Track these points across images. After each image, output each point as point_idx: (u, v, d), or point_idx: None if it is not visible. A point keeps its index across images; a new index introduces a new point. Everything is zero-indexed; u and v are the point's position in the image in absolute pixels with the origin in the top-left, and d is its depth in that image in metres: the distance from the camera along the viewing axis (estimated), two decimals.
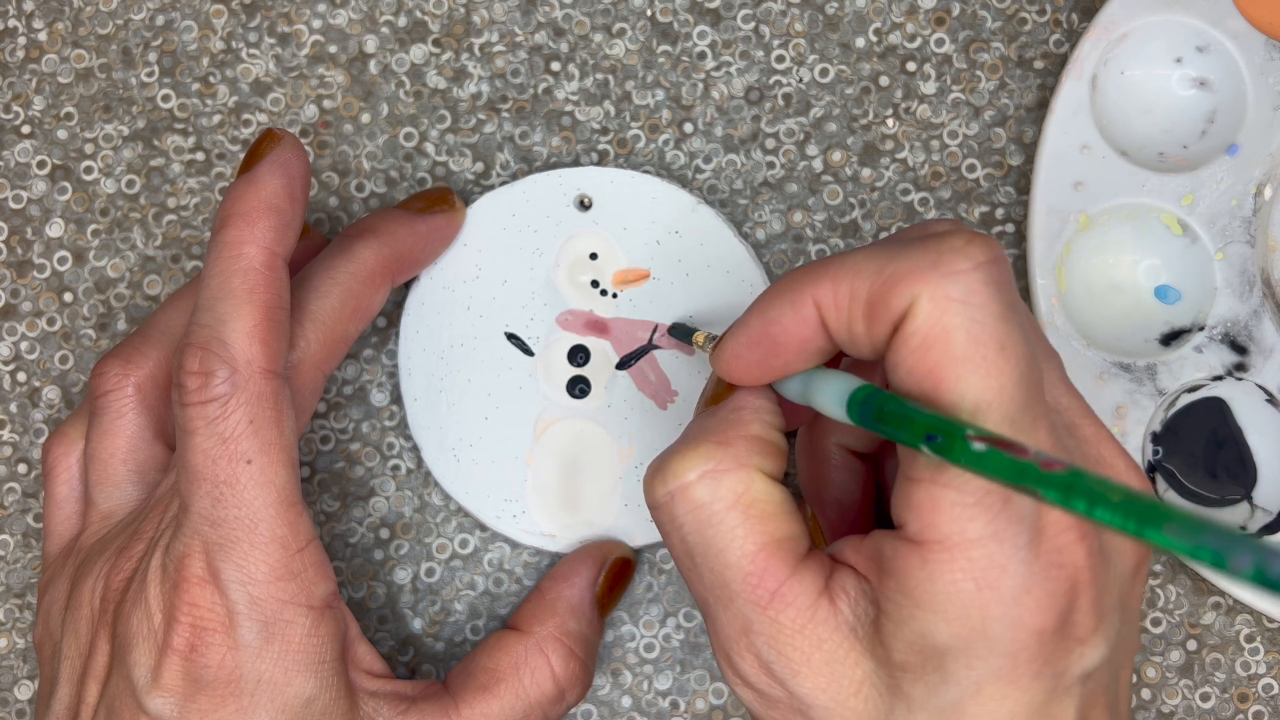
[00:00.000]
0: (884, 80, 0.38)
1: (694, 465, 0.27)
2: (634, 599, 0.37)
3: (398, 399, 0.38)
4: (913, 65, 0.38)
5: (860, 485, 0.32)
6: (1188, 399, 0.36)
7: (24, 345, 0.38)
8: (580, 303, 0.37)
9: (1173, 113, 0.37)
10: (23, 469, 0.38)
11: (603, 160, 0.38)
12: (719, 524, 0.27)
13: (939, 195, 0.38)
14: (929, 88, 0.38)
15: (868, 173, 0.38)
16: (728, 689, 0.36)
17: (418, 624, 0.38)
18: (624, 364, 0.37)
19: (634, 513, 0.36)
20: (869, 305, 0.25)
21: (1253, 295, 0.36)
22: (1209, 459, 0.36)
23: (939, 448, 0.23)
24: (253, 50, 0.39)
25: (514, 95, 0.38)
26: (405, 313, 0.37)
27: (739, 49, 0.38)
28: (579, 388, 0.37)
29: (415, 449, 0.38)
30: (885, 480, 0.32)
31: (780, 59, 0.38)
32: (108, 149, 0.38)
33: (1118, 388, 0.36)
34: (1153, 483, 0.36)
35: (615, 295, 0.37)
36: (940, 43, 0.38)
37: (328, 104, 0.38)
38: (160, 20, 0.39)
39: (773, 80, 0.38)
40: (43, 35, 0.39)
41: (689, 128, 0.38)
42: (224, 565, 0.29)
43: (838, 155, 0.38)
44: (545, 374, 0.37)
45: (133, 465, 0.33)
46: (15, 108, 0.39)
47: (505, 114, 0.38)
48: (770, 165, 0.38)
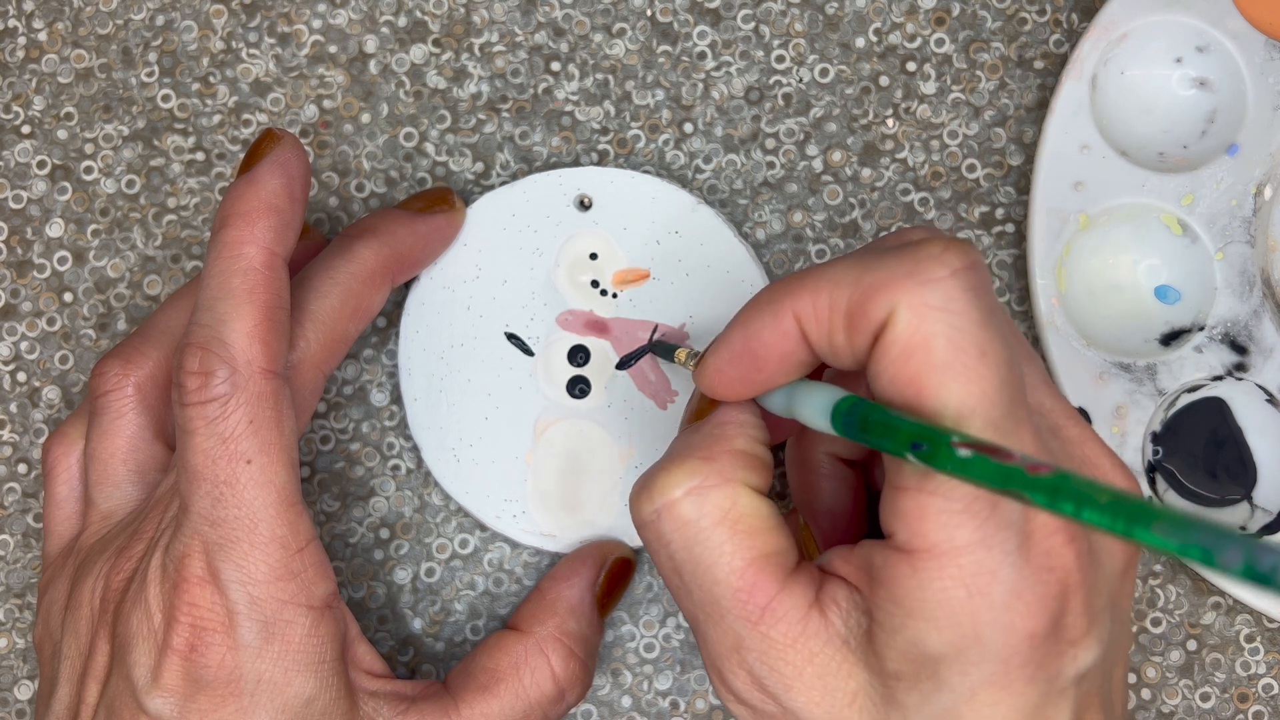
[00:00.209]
0: (884, 80, 0.38)
1: (679, 482, 0.27)
2: (634, 599, 0.37)
3: (398, 399, 0.38)
4: (913, 65, 0.38)
5: (851, 493, 0.32)
6: (1188, 399, 0.36)
7: (24, 345, 0.38)
8: (580, 303, 0.37)
9: (1173, 113, 0.37)
10: (23, 469, 0.38)
11: (603, 160, 0.38)
12: (706, 540, 0.27)
13: (939, 195, 0.38)
14: (929, 88, 0.38)
15: (868, 173, 0.38)
16: (719, 700, 0.36)
17: (418, 624, 0.38)
18: (624, 364, 0.37)
19: None
20: (848, 316, 0.25)
21: (1253, 295, 0.36)
22: (1209, 459, 0.36)
23: (924, 455, 0.23)
24: (253, 50, 0.39)
25: (514, 95, 0.38)
26: (405, 313, 0.37)
27: (739, 49, 0.38)
28: (579, 388, 0.37)
29: (415, 449, 0.38)
30: (877, 487, 0.32)
31: (780, 59, 0.38)
32: (108, 149, 0.38)
33: (1118, 388, 0.36)
34: (1152, 483, 0.36)
35: (615, 295, 0.37)
36: (940, 43, 0.38)
37: (328, 104, 0.38)
38: (160, 20, 0.39)
39: (773, 80, 0.38)
40: (43, 35, 0.39)
41: (689, 128, 0.38)
42: (224, 565, 0.29)
43: (838, 155, 0.38)
44: (545, 374, 0.37)
45: (133, 465, 0.33)
46: (15, 108, 0.39)
47: (505, 114, 0.38)
48: (770, 165, 0.38)
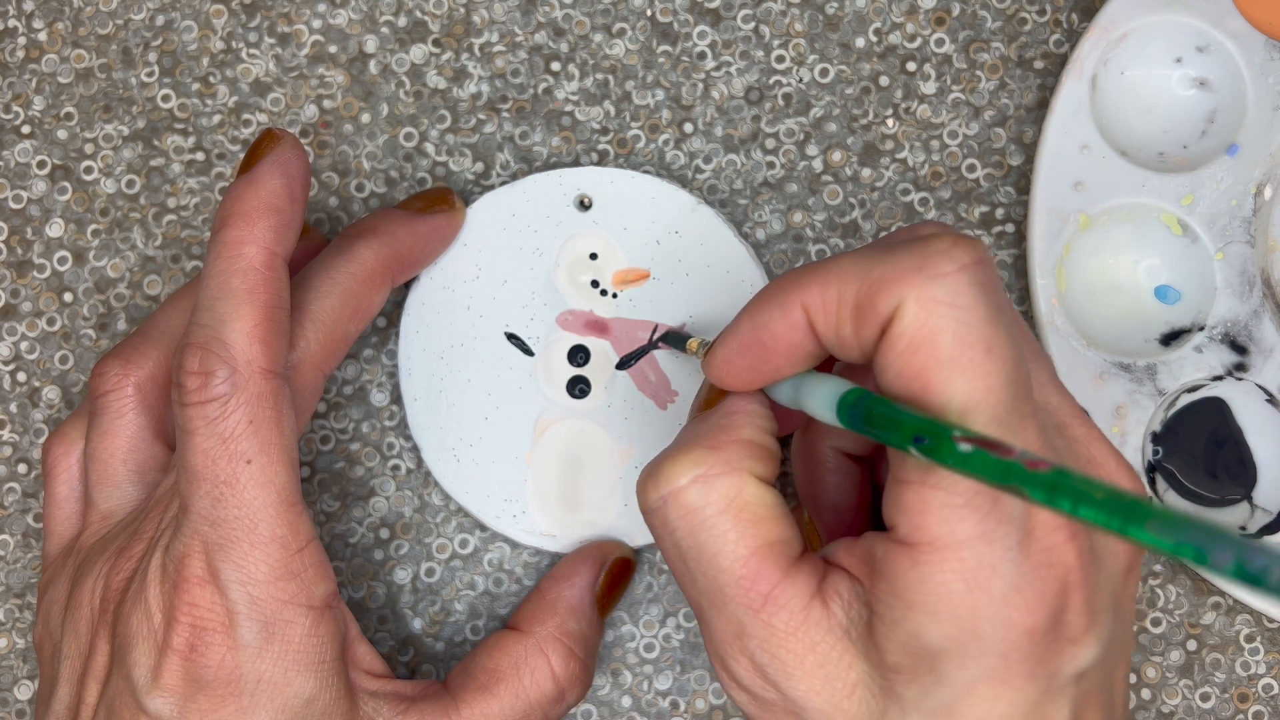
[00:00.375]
0: (884, 80, 0.38)
1: (686, 470, 0.27)
2: (634, 599, 0.37)
3: (398, 399, 0.38)
4: (913, 65, 0.38)
5: (855, 487, 0.32)
6: (1188, 399, 0.36)
7: (24, 345, 0.38)
8: (580, 303, 0.37)
9: (1173, 113, 0.37)
10: (23, 469, 0.38)
11: (603, 160, 0.38)
12: (711, 528, 0.27)
13: (939, 195, 0.38)
14: (929, 88, 0.38)
15: (868, 173, 0.38)
16: (721, 686, 0.36)
17: (418, 624, 0.38)
18: (624, 364, 0.37)
19: (634, 513, 0.36)
20: (856, 309, 0.25)
21: (1253, 295, 0.36)
22: (1209, 459, 0.36)
23: (926, 449, 0.23)
24: (253, 50, 0.39)
25: (514, 95, 0.38)
26: (405, 313, 0.37)
27: (739, 49, 0.38)
28: (579, 388, 0.37)
29: (415, 449, 0.38)
30: (880, 482, 0.32)
31: (780, 59, 0.38)
32: (108, 149, 0.38)
33: (1118, 388, 0.36)
34: (1152, 483, 0.36)
35: (615, 295, 0.37)
36: (940, 43, 0.38)
37: (328, 104, 0.38)
38: (160, 20, 0.39)
39: (773, 80, 0.38)
40: (43, 35, 0.39)
41: (689, 128, 0.38)
42: (224, 565, 0.29)
43: (838, 155, 0.38)
44: (545, 374, 0.37)
45: (133, 465, 0.33)
46: (15, 108, 0.39)
47: (505, 114, 0.38)
48: (770, 165, 0.38)
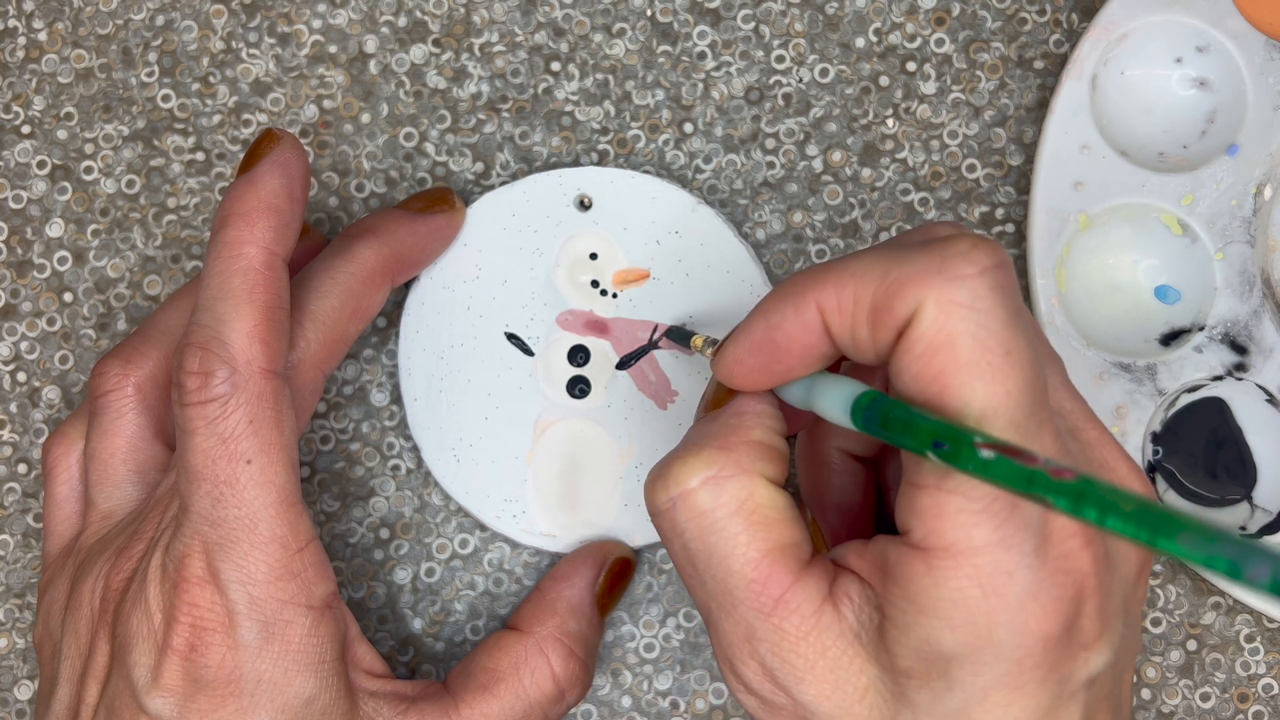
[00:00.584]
0: (884, 80, 0.38)
1: (696, 471, 0.27)
2: (634, 599, 0.37)
3: (398, 399, 0.38)
4: (913, 65, 0.38)
5: (861, 489, 0.32)
6: (1188, 399, 0.36)
7: (24, 345, 0.38)
8: (580, 303, 0.37)
9: (1173, 113, 0.37)
10: (23, 469, 0.38)
11: (603, 160, 0.38)
12: (721, 531, 0.27)
13: (939, 195, 0.38)
14: (929, 88, 0.38)
15: (868, 173, 0.38)
16: (728, 690, 0.36)
17: (418, 624, 0.38)
18: (624, 364, 0.37)
19: (634, 513, 0.36)
20: (873, 310, 0.25)
21: (1253, 295, 0.36)
22: (1209, 459, 0.36)
23: (946, 455, 0.23)
24: (253, 50, 0.39)
25: (514, 95, 0.38)
26: (405, 313, 0.37)
27: (739, 49, 0.38)
28: (579, 388, 0.37)
29: (415, 449, 0.38)
30: (886, 483, 0.32)
31: (780, 59, 0.38)
32: (108, 149, 0.38)
33: (1118, 388, 0.36)
34: (1152, 483, 0.36)
35: (615, 295, 0.37)
36: (940, 43, 0.38)
37: (328, 104, 0.38)
38: (160, 20, 0.39)
39: (773, 80, 0.38)
40: (43, 35, 0.39)
41: (689, 128, 0.38)
42: (224, 565, 0.29)
43: (838, 155, 0.38)
44: (545, 374, 0.37)
45: (133, 465, 0.33)
46: (15, 108, 0.39)
47: (505, 114, 0.38)
48: (770, 165, 0.38)
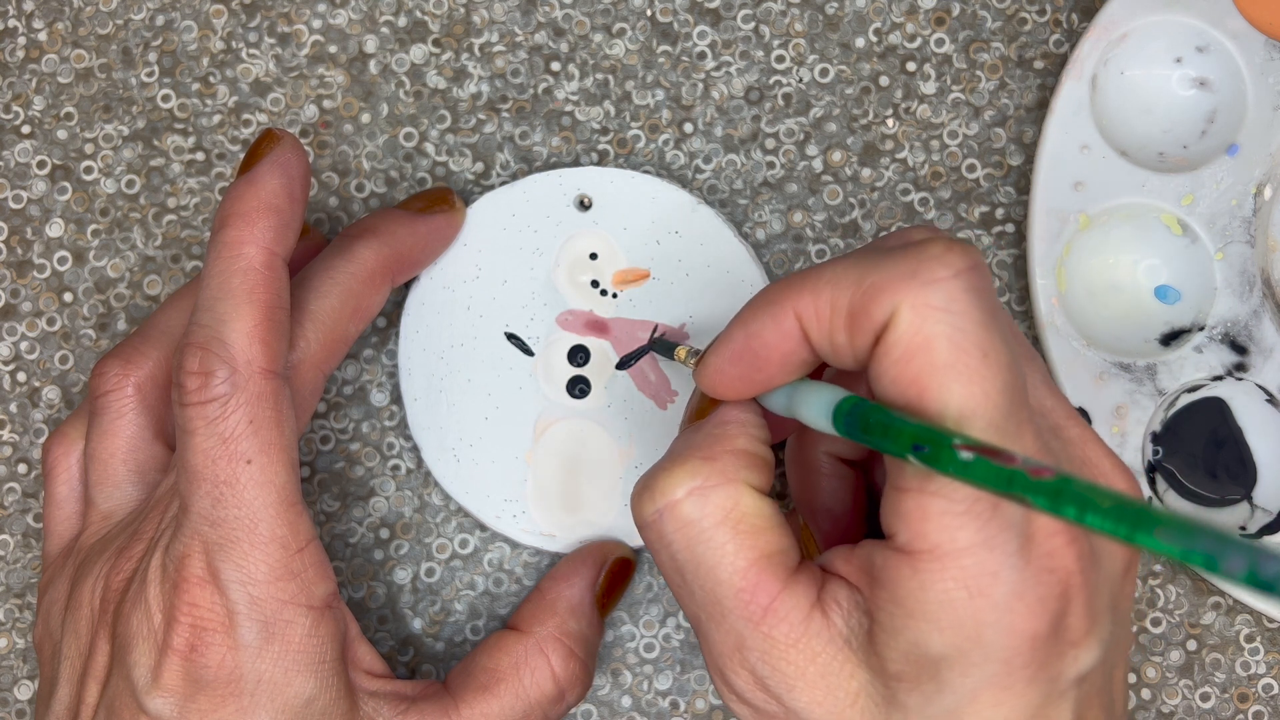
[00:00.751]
0: (884, 80, 0.38)
1: (681, 482, 0.27)
2: (634, 599, 0.37)
3: (398, 399, 0.38)
4: (913, 65, 0.38)
5: (851, 492, 0.32)
6: (1188, 399, 0.36)
7: (24, 345, 0.38)
8: (580, 303, 0.37)
9: (1173, 113, 0.37)
10: (23, 469, 0.38)
11: (603, 160, 0.38)
12: (708, 540, 0.27)
13: (939, 195, 0.38)
14: (929, 88, 0.38)
15: (868, 173, 0.38)
16: (721, 699, 0.36)
17: (418, 624, 0.38)
18: (624, 364, 0.37)
19: None
20: (850, 316, 0.25)
21: (1253, 295, 0.36)
22: (1209, 459, 0.36)
23: (926, 457, 0.23)
24: (253, 50, 0.39)
25: (514, 95, 0.38)
26: (405, 313, 0.37)
27: (739, 49, 0.38)
28: (579, 388, 0.37)
29: (415, 449, 0.38)
30: (876, 486, 0.32)
31: (780, 59, 0.38)
32: (108, 149, 0.38)
33: (1118, 388, 0.36)
34: (1152, 483, 0.36)
35: (615, 295, 0.37)
36: (940, 43, 0.38)
37: (328, 104, 0.38)
38: (160, 20, 0.39)
39: (773, 80, 0.38)
40: (43, 35, 0.39)
41: (689, 128, 0.38)
42: (224, 565, 0.29)
43: (838, 155, 0.38)
44: (545, 374, 0.37)
45: (133, 465, 0.33)
46: (15, 108, 0.39)
47: (505, 114, 0.38)
48: (770, 165, 0.38)
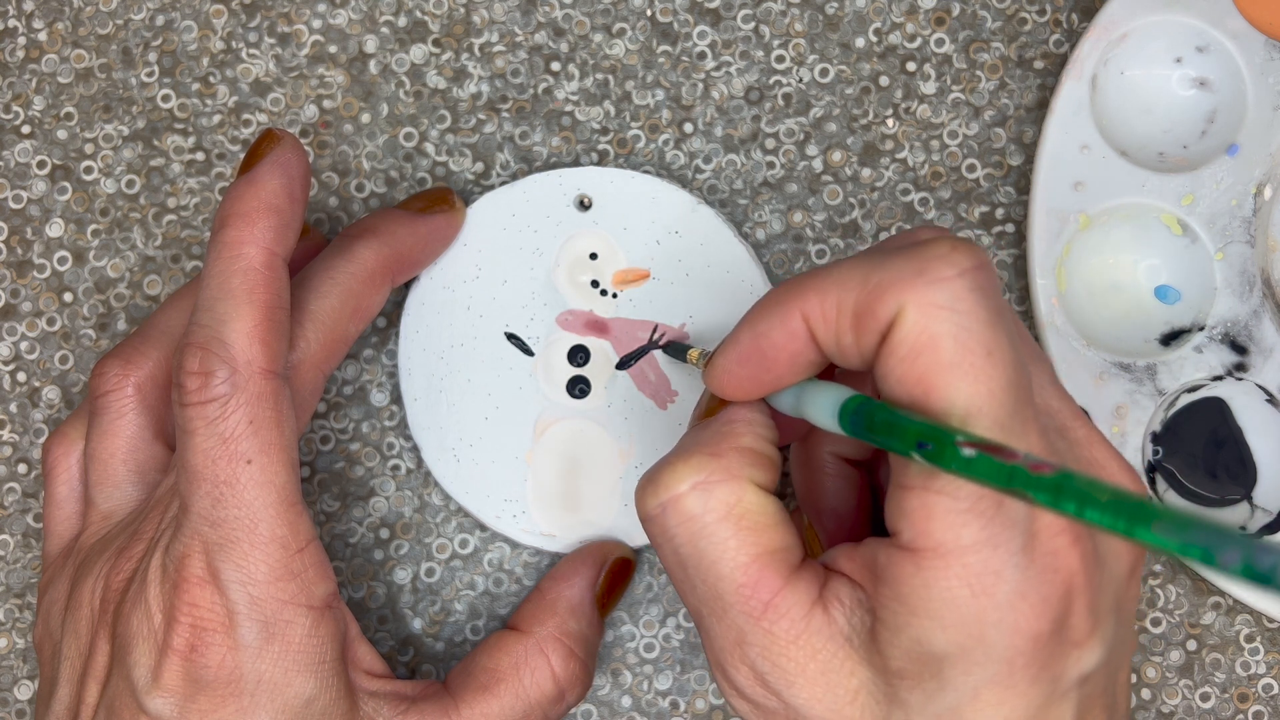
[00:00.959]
0: (884, 80, 0.38)
1: (685, 477, 0.27)
2: (634, 599, 0.37)
3: (398, 399, 0.38)
4: (913, 65, 0.38)
5: (855, 492, 0.32)
6: (1188, 399, 0.36)
7: (24, 345, 0.38)
8: (580, 303, 0.37)
9: (1173, 113, 0.37)
10: (23, 469, 0.38)
11: (603, 160, 0.38)
12: (711, 535, 0.27)
13: (939, 195, 0.38)
14: (929, 88, 0.38)
15: (868, 173, 0.38)
16: (721, 694, 0.36)
17: (418, 624, 0.38)
18: (624, 364, 0.37)
19: (634, 513, 0.36)
20: (856, 316, 0.25)
21: (1253, 295, 0.36)
22: (1209, 459, 0.36)
23: (930, 455, 0.23)
24: (253, 50, 0.39)
25: (514, 95, 0.38)
26: (405, 313, 0.37)
27: (739, 49, 0.38)
28: (579, 388, 0.37)
29: (415, 449, 0.38)
30: (880, 486, 0.32)
31: (780, 59, 0.38)
32: (108, 149, 0.38)
33: (1118, 388, 0.36)
34: (1152, 483, 0.36)
35: (615, 295, 0.37)
36: (940, 43, 0.38)
37: (328, 104, 0.38)
38: (160, 20, 0.39)
39: (773, 80, 0.38)
40: (43, 35, 0.39)
41: (689, 128, 0.38)
42: (224, 565, 0.29)
43: (838, 155, 0.38)
44: (545, 374, 0.37)
45: (133, 465, 0.33)
46: (15, 108, 0.39)
47: (505, 114, 0.38)
48: (770, 165, 0.38)
